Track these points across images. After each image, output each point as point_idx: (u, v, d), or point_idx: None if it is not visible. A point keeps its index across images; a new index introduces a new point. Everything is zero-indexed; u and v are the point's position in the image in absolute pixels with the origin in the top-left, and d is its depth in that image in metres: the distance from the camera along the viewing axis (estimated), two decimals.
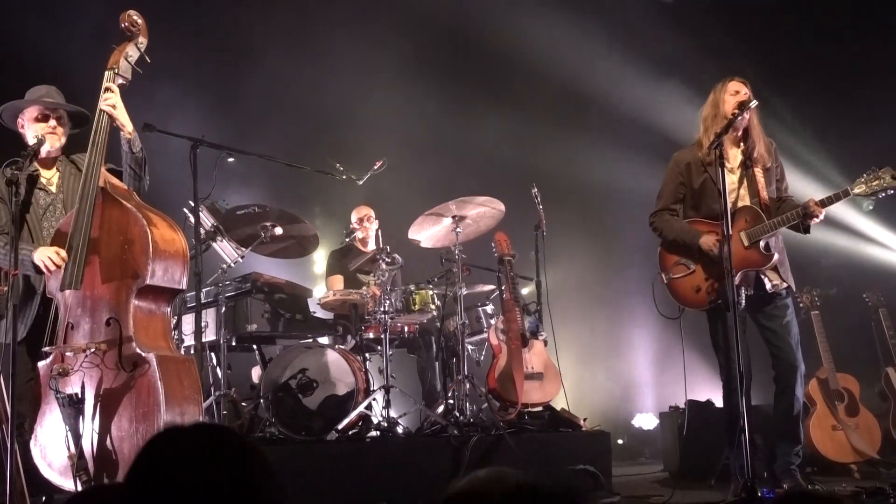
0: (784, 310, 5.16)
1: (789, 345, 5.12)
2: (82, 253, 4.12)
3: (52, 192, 4.61)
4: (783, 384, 5.16)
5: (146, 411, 3.95)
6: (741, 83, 5.18)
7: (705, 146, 5.09)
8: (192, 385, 4.18)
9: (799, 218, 4.91)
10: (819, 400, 6.61)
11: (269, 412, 5.92)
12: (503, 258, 6.83)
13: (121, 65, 4.36)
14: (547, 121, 9.23)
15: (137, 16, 4.45)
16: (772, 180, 5.18)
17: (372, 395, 6.08)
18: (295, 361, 6.16)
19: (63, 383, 3.98)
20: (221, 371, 6.11)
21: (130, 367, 4.00)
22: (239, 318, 6.39)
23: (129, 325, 4.07)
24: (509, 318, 6.63)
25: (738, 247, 4.96)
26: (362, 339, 6.52)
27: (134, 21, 4.42)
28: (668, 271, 5.33)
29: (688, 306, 5.28)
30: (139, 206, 4.29)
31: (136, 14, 4.45)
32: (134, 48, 4.42)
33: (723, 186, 4.61)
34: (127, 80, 4.40)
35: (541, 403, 6.62)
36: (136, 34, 4.43)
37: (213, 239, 6.29)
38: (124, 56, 4.39)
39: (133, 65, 4.40)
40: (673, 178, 5.38)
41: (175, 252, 4.26)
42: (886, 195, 4.79)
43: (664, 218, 5.38)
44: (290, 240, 6.66)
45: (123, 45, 4.43)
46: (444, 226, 6.73)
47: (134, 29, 4.42)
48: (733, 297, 4.56)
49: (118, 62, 4.37)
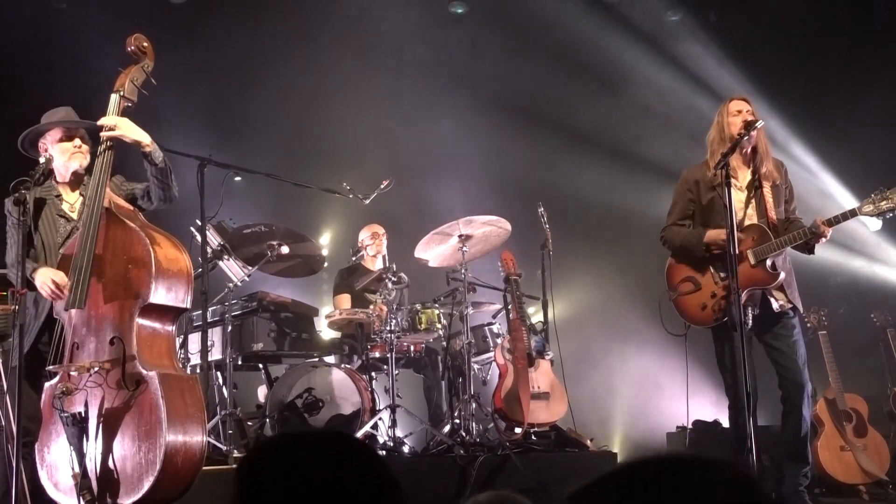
0: (791, 330, 5.14)
1: (796, 364, 5.10)
2: (86, 272, 4.13)
3: (73, 219, 4.51)
4: (790, 405, 5.13)
5: (148, 429, 3.95)
6: (742, 101, 5.19)
7: (712, 167, 5.10)
8: (196, 403, 4.18)
9: (806, 237, 4.90)
10: (827, 420, 6.57)
11: (275, 431, 5.91)
12: (509, 277, 6.83)
13: (126, 87, 4.38)
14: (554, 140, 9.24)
15: (145, 40, 4.47)
16: (780, 200, 5.17)
17: (378, 415, 6.06)
18: (301, 380, 6.16)
19: (67, 402, 3.98)
20: (227, 390, 6.11)
21: (133, 386, 4.00)
22: (245, 336, 6.40)
23: (132, 343, 4.07)
24: (515, 338, 6.62)
25: (745, 265, 4.95)
26: (368, 358, 6.51)
27: (141, 44, 4.45)
28: (674, 288, 5.33)
29: (694, 324, 5.27)
30: (143, 226, 4.30)
31: (143, 38, 4.47)
32: (140, 71, 4.44)
33: (729, 205, 4.59)
34: (132, 103, 4.41)
35: (547, 423, 6.60)
36: (142, 57, 4.46)
37: (220, 258, 6.30)
38: (130, 79, 4.40)
39: (139, 87, 4.43)
40: (682, 195, 5.38)
41: (179, 271, 4.26)
42: (894, 215, 4.77)
43: (672, 230, 5.38)
44: (296, 259, 6.67)
45: (130, 67, 4.45)
46: (450, 245, 6.74)
47: (141, 52, 4.45)
48: (740, 317, 4.53)
49: (124, 85, 4.39)
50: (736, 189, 5.04)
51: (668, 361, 8.14)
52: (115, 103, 4.36)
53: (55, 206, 4.53)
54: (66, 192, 4.58)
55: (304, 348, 6.67)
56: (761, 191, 5.12)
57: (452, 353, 6.87)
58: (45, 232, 4.46)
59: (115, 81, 4.42)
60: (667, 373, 8.11)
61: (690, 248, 5.22)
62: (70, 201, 4.57)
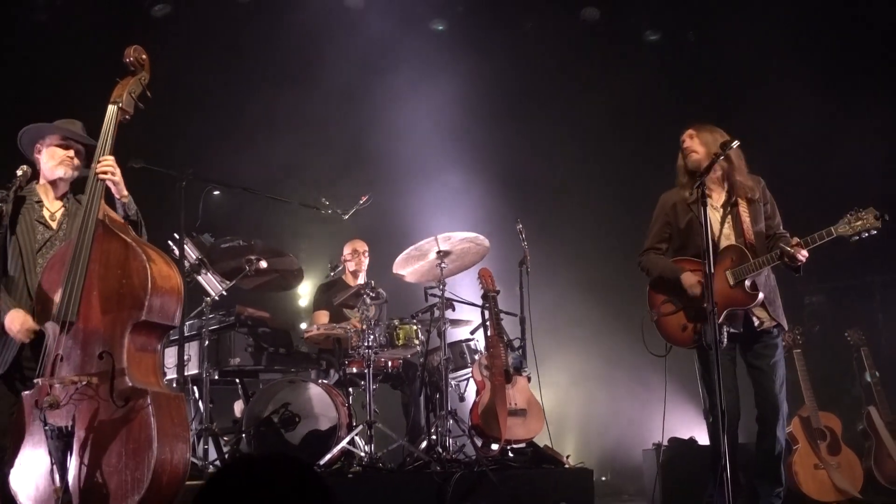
0: (773, 349, 5.16)
1: (774, 385, 5.12)
2: (79, 285, 4.08)
3: (53, 229, 4.53)
4: (765, 425, 5.16)
5: (136, 447, 3.90)
6: (693, 129, 5.25)
7: (685, 190, 5.17)
8: (182, 422, 4.14)
9: (780, 259, 4.93)
10: (801, 438, 6.63)
11: (251, 447, 5.89)
12: (488, 294, 6.85)
13: (124, 99, 4.37)
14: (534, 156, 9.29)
15: (143, 52, 4.48)
16: (760, 218, 5.20)
17: (355, 431, 6.05)
18: (278, 396, 6.13)
19: (52, 415, 3.93)
20: (203, 405, 6.08)
21: (122, 402, 3.95)
22: (222, 351, 6.37)
23: (122, 358, 4.02)
24: (493, 354, 6.63)
25: (724, 286, 4.98)
26: (346, 373, 6.50)
27: (140, 56, 4.46)
28: (656, 309, 5.37)
29: (675, 344, 5.31)
30: (137, 241, 4.27)
31: (142, 50, 4.48)
32: (137, 83, 4.44)
33: (706, 225, 4.63)
34: (129, 115, 4.41)
35: (524, 440, 6.60)
36: (139, 69, 4.46)
37: (198, 272, 6.28)
38: (128, 91, 4.39)
39: (136, 100, 4.42)
40: (659, 218, 5.44)
41: (171, 288, 4.24)
42: (869, 235, 4.81)
43: (650, 257, 5.43)
44: (274, 273, 6.66)
45: (127, 79, 4.44)
46: (428, 261, 6.75)
47: (139, 64, 4.46)
48: (715, 336, 4.56)
49: (122, 96, 4.37)
50: (712, 209, 5.09)
51: (646, 378, 8.17)
52: (113, 114, 4.33)
53: (34, 211, 4.52)
54: (48, 198, 4.59)
55: (282, 363, 6.65)
56: (737, 209, 5.16)
57: (430, 368, 6.86)
58: (22, 236, 4.45)
59: (112, 92, 4.39)
60: (644, 390, 8.15)
61: (668, 282, 5.28)
62: (51, 209, 4.57)
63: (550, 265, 8.33)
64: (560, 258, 8.87)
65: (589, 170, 9.28)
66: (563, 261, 8.93)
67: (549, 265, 8.19)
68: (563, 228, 9.18)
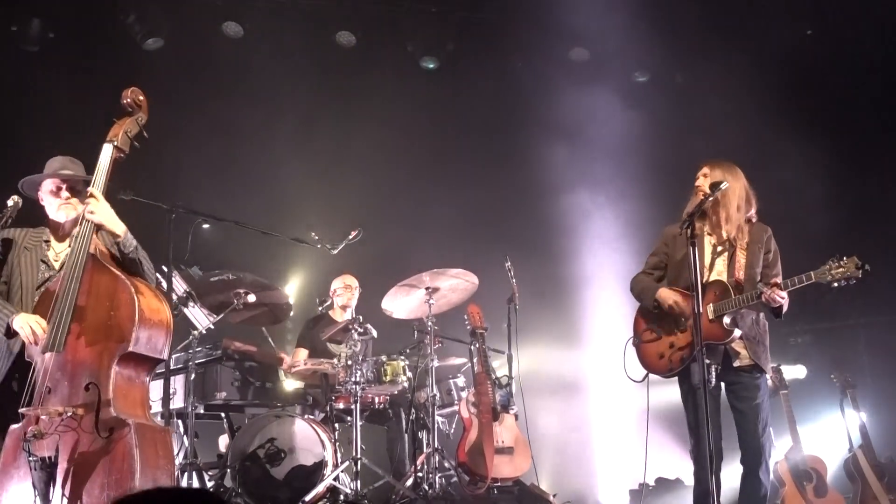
0: (755, 391, 5.13)
1: (756, 428, 5.10)
2: (67, 316, 4.10)
3: (54, 269, 4.59)
4: (747, 468, 5.14)
5: (119, 478, 3.88)
6: (705, 166, 5.28)
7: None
8: (167, 456, 4.13)
9: (755, 299, 4.94)
10: (788, 480, 6.62)
11: (236, 482, 5.84)
12: (476, 331, 6.86)
13: (120, 138, 4.41)
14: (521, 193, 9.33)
15: (140, 94, 4.54)
16: (757, 263, 5.18)
17: (341, 467, 6.01)
18: (263, 430, 6.09)
19: (36, 446, 3.91)
20: (188, 439, 6.04)
21: (107, 433, 3.94)
22: (208, 385, 6.34)
23: (108, 390, 4.02)
24: (481, 392, 6.63)
25: (704, 319, 4.99)
26: (332, 409, 6.46)
27: (137, 98, 4.51)
28: (638, 335, 5.39)
29: (651, 372, 5.31)
30: (128, 275, 4.29)
31: (139, 91, 4.54)
32: (134, 123, 4.49)
33: (694, 262, 4.65)
34: (124, 153, 4.45)
35: (511, 478, 6.58)
36: (136, 110, 4.51)
37: (185, 304, 6.26)
38: (124, 130, 4.44)
39: (132, 139, 4.46)
40: (659, 248, 5.49)
41: (160, 321, 4.25)
42: (849, 283, 4.83)
43: (639, 277, 5.47)
44: (262, 307, 6.64)
45: (124, 119, 4.49)
46: (417, 297, 6.75)
47: (136, 106, 4.50)
48: (703, 375, 4.56)
49: (118, 135, 4.42)
50: (710, 247, 5.14)
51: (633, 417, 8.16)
52: (109, 153, 4.38)
53: (41, 250, 4.60)
54: (55, 238, 4.68)
55: (268, 398, 6.61)
56: (735, 250, 5.19)
57: (417, 405, 6.84)
58: (24, 272, 4.53)
59: (108, 132, 4.44)
60: (632, 429, 8.13)
61: (644, 299, 5.32)
62: (56, 250, 4.66)
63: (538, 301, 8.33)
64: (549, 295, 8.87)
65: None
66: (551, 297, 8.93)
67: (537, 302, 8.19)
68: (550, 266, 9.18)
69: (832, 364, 7.63)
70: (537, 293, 8.23)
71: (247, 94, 8.83)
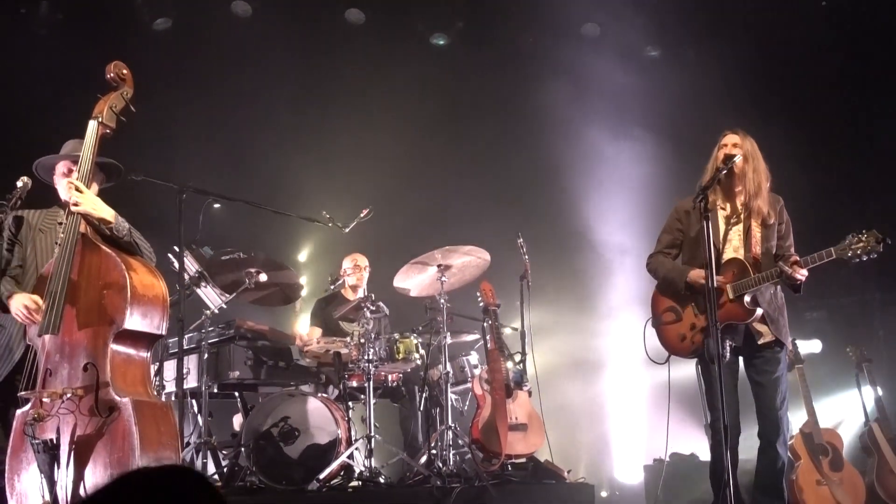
0: (775, 365, 5.10)
1: (774, 402, 5.08)
2: (61, 298, 4.09)
3: None
4: (765, 441, 5.12)
5: (121, 457, 3.88)
6: (732, 134, 5.19)
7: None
8: (170, 431, 4.12)
9: (777, 277, 4.90)
10: (803, 454, 6.59)
11: (250, 461, 5.85)
12: (488, 308, 6.83)
13: (105, 114, 4.36)
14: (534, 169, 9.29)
15: (124, 67, 4.48)
16: (772, 236, 5.14)
17: (354, 445, 6.02)
18: (277, 409, 6.09)
19: (39, 429, 3.92)
20: (202, 418, 6.05)
21: (106, 413, 3.94)
22: (221, 364, 6.34)
23: (105, 370, 4.02)
24: (493, 369, 6.61)
25: (724, 299, 4.97)
26: (345, 387, 6.46)
27: (120, 72, 4.46)
28: (658, 317, 5.34)
29: (673, 353, 5.28)
30: (119, 252, 4.27)
31: (122, 65, 4.48)
32: (119, 98, 4.43)
33: (708, 238, 4.60)
34: (111, 129, 4.40)
35: (524, 454, 6.58)
36: (121, 84, 4.45)
37: (197, 285, 6.25)
38: (109, 106, 4.39)
39: (118, 114, 4.41)
40: (671, 225, 5.41)
41: (154, 297, 4.23)
42: (870, 258, 4.78)
43: (658, 259, 5.40)
44: (274, 287, 6.63)
45: (109, 94, 4.43)
46: (429, 274, 6.73)
47: (120, 79, 4.45)
48: (718, 350, 4.53)
49: (103, 111, 4.37)
50: (723, 221, 5.09)
51: (649, 393, 8.15)
52: (94, 129, 4.33)
53: (55, 233, 4.55)
54: None
55: (281, 377, 6.61)
56: (749, 224, 5.13)
57: (430, 382, 6.83)
58: (40, 255, 4.52)
59: (93, 108, 4.40)
60: (647, 405, 8.12)
61: (672, 282, 5.24)
62: None
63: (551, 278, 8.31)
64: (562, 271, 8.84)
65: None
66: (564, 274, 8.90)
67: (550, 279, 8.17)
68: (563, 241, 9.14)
69: (848, 338, 7.58)
70: (550, 269, 8.21)
71: (255, 73, 8.80)
